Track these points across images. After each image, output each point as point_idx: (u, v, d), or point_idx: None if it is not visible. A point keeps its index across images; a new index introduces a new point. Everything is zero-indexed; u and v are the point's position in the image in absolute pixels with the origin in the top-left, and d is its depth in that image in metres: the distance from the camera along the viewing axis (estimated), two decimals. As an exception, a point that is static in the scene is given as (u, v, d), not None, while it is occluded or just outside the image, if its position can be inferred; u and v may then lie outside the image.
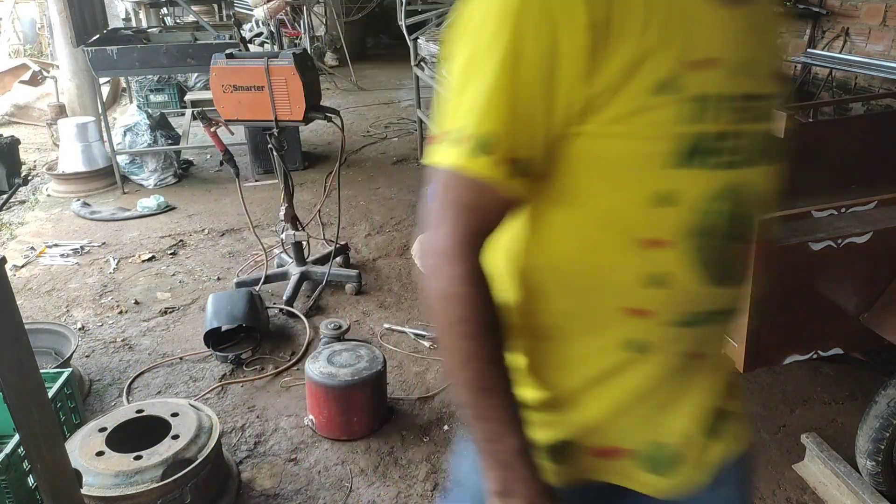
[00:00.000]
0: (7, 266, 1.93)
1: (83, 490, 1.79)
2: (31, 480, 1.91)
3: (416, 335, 3.00)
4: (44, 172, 5.20)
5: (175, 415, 2.07)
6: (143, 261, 3.79)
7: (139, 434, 2.03)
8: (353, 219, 4.29)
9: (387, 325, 3.09)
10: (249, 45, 5.17)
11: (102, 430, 2.01)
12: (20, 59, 8.36)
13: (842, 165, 2.35)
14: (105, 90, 6.31)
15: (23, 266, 3.75)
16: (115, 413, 2.14)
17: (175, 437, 1.99)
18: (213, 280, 3.58)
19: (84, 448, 1.94)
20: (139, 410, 2.12)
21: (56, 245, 3.99)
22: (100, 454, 1.92)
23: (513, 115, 0.71)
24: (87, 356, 2.91)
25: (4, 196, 4.80)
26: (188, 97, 6.32)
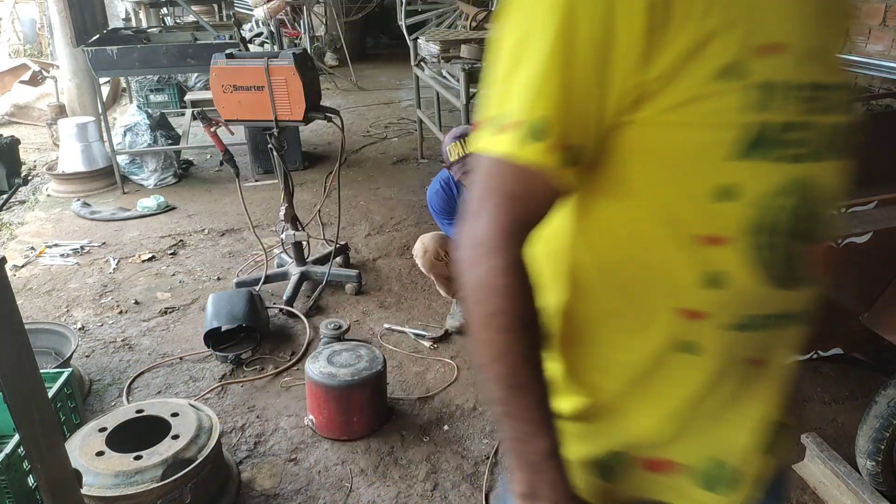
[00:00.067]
0: (7, 266, 1.93)
1: (83, 490, 1.79)
2: (31, 480, 1.91)
3: (416, 335, 3.00)
4: (44, 172, 5.20)
5: (175, 415, 2.07)
6: (143, 261, 3.79)
7: (139, 434, 2.03)
8: (353, 219, 4.29)
9: (387, 325, 3.09)
10: (249, 45, 5.18)
11: (102, 430, 2.01)
12: (20, 59, 8.36)
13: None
14: (105, 90, 6.31)
15: (23, 266, 3.75)
16: (115, 413, 2.13)
17: (175, 437, 1.98)
18: (213, 280, 3.58)
19: (84, 448, 1.94)
20: (139, 410, 2.12)
21: (56, 245, 3.99)
22: (100, 454, 1.92)
23: (565, 101, 0.68)
24: (87, 356, 2.91)
25: (4, 196, 4.80)
26: (188, 97, 6.32)
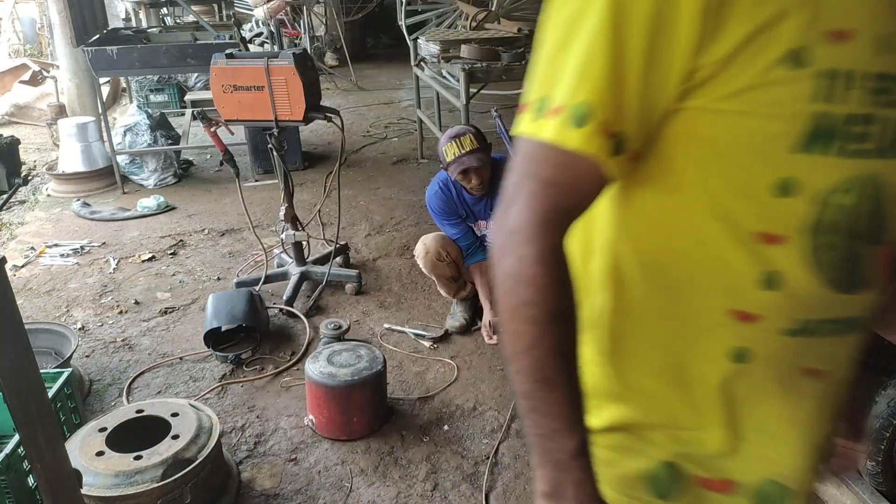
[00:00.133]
0: (7, 266, 1.93)
1: (83, 490, 1.79)
2: (31, 480, 1.91)
3: (416, 335, 3.00)
4: (44, 172, 5.19)
5: (175, 415, 2.07)
6: (143, 261, 3.79)
7: (139, 434, 2.03)
8: (353, 219, 4.29)
9: (387, 325, 3.09)
10: (249, 45, 5.18)
11: (102, 430, 2.01)
12: (20, 59, 8.37)
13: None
14: (105, 90, 6.31)
15: (23, 266, 3.75)
16: (115, 413, 2.14)
17: (175, 437, 1.98)
18: (213, 280, 3.58)
19: (84, 448, 1.94)
20: (139, 410, 2.12)
21: (56, 245, 3.99)
22: (100, 454, 1.92)
23: (610, 86, 0.64)
24: (87, 356, 2.91)
25: (4, 196, 4.80)
26: (188, 97, 6.33)
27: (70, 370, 2.30)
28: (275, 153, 3.17)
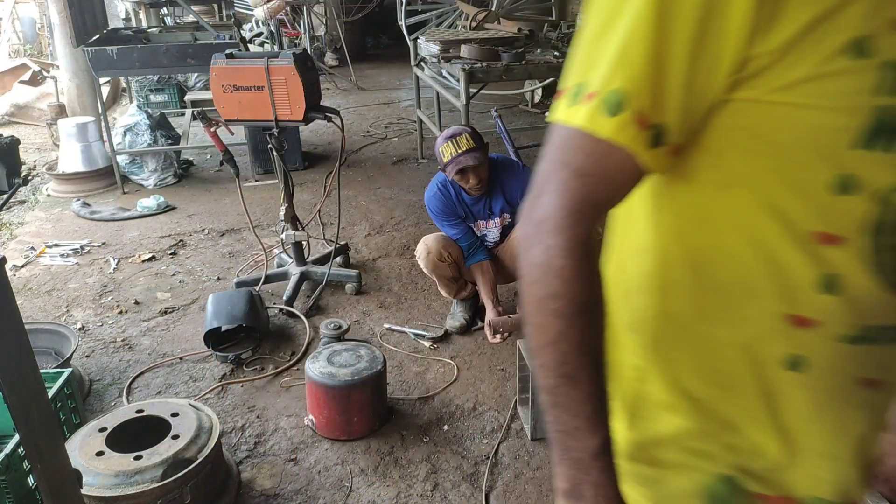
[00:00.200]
0: (7, 266, 1.93)
1: (83, 490, 1.79)
2: (31, 480, 1.91)
3: (416, 335, 3.00)
4: (44, 172, 5.19)
5: (175, 415, 2.07)
6: (143, 261, 3.79)
7: (139, 434, 2.03)
8: (353, 219, 4.29)
9: (387, 325, 3.09)
10: (249, 45, 5.18)
11: (102, 430, 2.01)
12: (20, 59, 8.37)
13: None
14: (105, 90, 6.31)
15: (23, 266, 3.75)
16: (115, 413, 2.14)
17: (175, 437, 1.99)
18: (213, 280, 3.58)
19: (84, 448, 1.94)
20: (139, 410, 2.12)
21: (56, 245, 3.99)
22: (100, 454, 1.92)
23: (651, 73, 0.61)
24: (87, 356, 2.91)
25: (4, 196, 4.80)
26: (188, 97, 6.33)
27: (70, 370, 2.30)
28: (275, 153, 3.17)
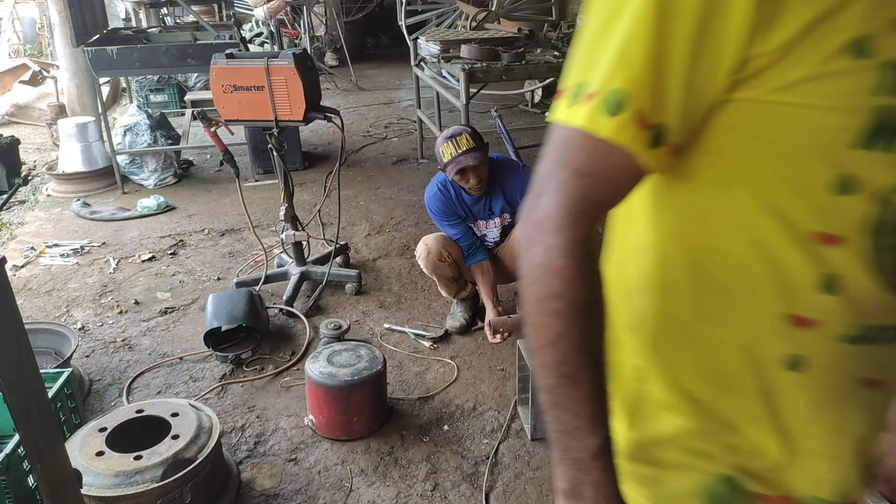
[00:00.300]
0: (7, 266, 1.93)
1: (83, 490, 1.79)
2: (31, 480, 1.91)
3: (416, 335, 3.00)
4: (44, 172, 5.19)
5: (175, 415, 2.07)
6: (143, 261, 3.79)
7: (139, 434, 2.03)
8: (353, 219, 4.29)
9: (387, 325, 3.09)
10: (249, 45, 5.18)
11: (102, 430, 2.01)
12: (20, 59, 8.37)
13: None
14: (105, 90, 6.31)
15: (23, 266, 3.75)
16: (115, 413, 2.14)
17: (175, 437, 1.99)
18: (213, 280, 3.58)
19: (84, 448, 1.94)
20: (139, 410, 2.12)
21: (56, 245, 3.99)
22: (100, 454, 1.92)
23: (651, 73, 0.61)
24: (87, 356, 2.91)
25: (4, 196, 4.80)
26: (188, 97, 6.33)
27: (70, 370, 2.30)
28: (275, 153, 3.17)
